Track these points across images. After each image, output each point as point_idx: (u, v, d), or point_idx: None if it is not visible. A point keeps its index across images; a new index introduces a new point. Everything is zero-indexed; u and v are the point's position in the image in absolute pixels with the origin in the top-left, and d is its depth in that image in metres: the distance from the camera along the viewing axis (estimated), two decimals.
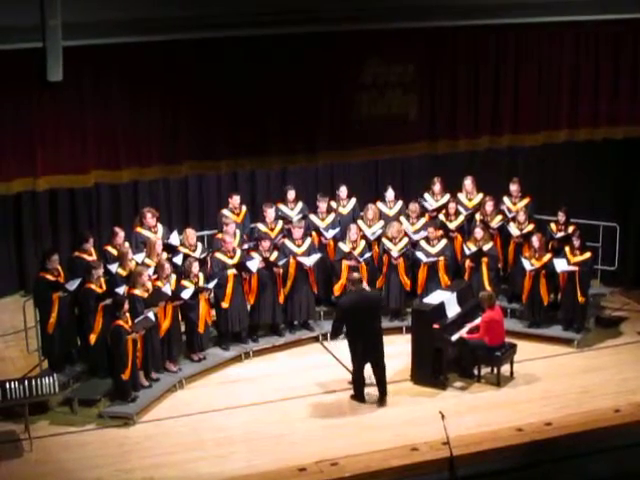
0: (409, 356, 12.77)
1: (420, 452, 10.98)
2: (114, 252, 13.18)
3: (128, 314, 11.92)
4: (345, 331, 12.27)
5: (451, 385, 12.68)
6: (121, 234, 13.36)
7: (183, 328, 13.11)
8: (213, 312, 13.56)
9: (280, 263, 13.59)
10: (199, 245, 13.84)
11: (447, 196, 15.05)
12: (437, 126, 12.82)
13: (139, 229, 13.78)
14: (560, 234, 14.35)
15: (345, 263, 14.07)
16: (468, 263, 14.13)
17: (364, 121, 12.33)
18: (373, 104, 12.32)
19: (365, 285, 13.28)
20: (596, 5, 12.78)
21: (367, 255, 14.12)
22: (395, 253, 14.07)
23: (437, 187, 15.12)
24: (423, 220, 14.74)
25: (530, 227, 14.45)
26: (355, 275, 12.54)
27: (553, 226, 14.56)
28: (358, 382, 12.26)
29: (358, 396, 12.26)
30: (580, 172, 16.03)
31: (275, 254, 13.69)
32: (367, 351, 12.11)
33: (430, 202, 15.08)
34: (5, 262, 15.52)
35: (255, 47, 11.60)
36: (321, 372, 13.08)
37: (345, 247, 14.15)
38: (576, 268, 13.64)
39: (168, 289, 12.51)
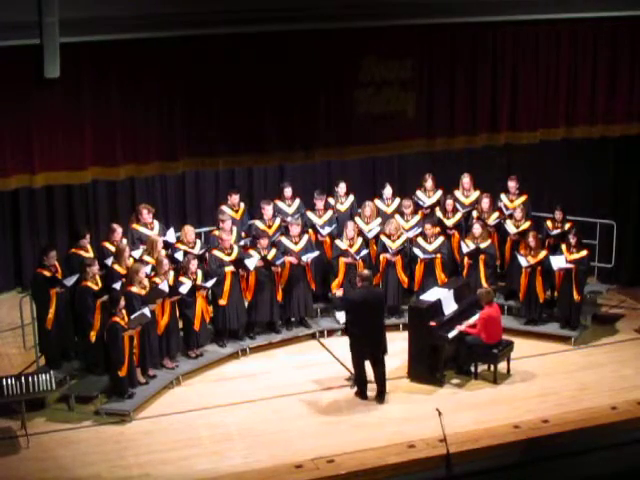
0: (406, 353, 12.78)
1: (417, 449, 10.98)
2: (112, 249, 13.17)
3: (124, 311, 11.91)
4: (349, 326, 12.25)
5: (448, 382, 12.69)
6: (119, 230, 13.36)
7: (181, 325, 13.11)
8: (211, 309, 13.56)
9: (277, 262, 13.59)
10: (198, 242, 13.83)
11: (439, 192, 15.08)
12: (435, 123, 12.81)
13: (135, 226, 13.78)
14: (556, 231, 14.36)
15: (342, 260, 14.08)
16: (466, 260, 14.15)
17: (362, 118, 12.33)
18: (371, 101, 12.32)
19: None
20: (594, 2, 12.79)
21: (364, 252, 14.11)
22: (392, 249, 14.07)
23: (429, 183, 15.13)
24: (417, 217, 14.74)
25: (527, 224, 14.45)
26: (365, 272, 12.53)
27: (549, 223, 14.57)
28: (360, 379, 12.23)
29: (361, 394, 12.23)
30: (577, 170, 16.02)
31: (273, 251, 13.69)
32: (367, 348, 12.10)
33: (423, 199, 15.09)
34: (2, 259, 15.51)
35: (253, 44, 11.58)
36: (318, 369, 13.09)
37: (342, 244, 14.15)
38: (572, 266, 13.65)
39: (166, 286, 12.48)
